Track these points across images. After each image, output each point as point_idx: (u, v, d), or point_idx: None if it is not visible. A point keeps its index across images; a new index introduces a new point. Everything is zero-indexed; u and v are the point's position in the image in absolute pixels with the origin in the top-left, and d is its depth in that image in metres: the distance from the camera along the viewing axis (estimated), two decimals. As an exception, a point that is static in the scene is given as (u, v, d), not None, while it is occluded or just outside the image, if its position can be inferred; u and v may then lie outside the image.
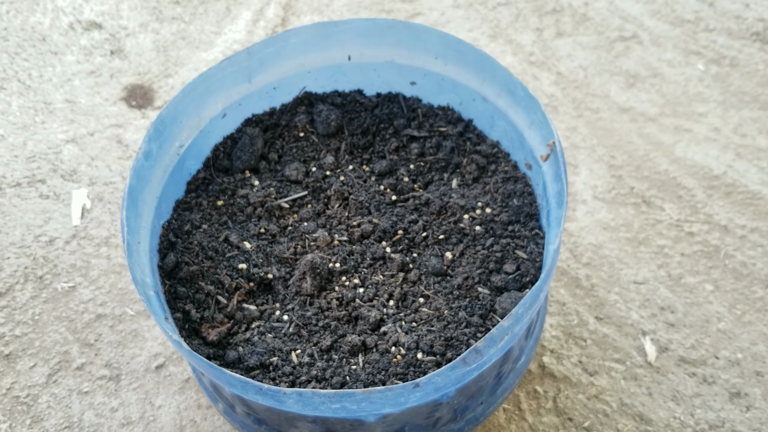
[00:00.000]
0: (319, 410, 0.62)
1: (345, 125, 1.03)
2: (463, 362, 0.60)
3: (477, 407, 0.79)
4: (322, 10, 1.75)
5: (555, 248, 0.69)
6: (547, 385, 1.03)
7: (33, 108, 1.46)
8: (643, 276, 1.16)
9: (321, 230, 0.90)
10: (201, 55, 1.61)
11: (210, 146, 0.99)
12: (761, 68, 1.54)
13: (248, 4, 1.76)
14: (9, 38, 1.62)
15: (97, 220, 1.25)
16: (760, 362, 1.05)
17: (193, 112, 0.93)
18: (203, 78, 0.90)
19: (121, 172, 1.35)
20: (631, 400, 1.01)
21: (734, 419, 0.99)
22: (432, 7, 1.73)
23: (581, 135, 1.41)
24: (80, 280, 1.16)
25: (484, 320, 0.78)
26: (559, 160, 0.76)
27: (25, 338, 1.09)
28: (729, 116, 1.43)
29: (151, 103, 1.50)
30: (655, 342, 1.08)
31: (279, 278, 0.86)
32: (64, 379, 1.04)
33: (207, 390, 0.86)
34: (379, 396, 0.59)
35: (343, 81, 1.06)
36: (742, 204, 1.27)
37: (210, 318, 0.80)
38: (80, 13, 1.70)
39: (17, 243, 1.21)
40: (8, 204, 1.27)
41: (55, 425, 1.00)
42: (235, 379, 0.61)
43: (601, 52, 1.60)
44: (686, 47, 1.60)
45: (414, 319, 0.79)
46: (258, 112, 1.03)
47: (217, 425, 0.99)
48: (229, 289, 0.83)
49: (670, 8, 1.71)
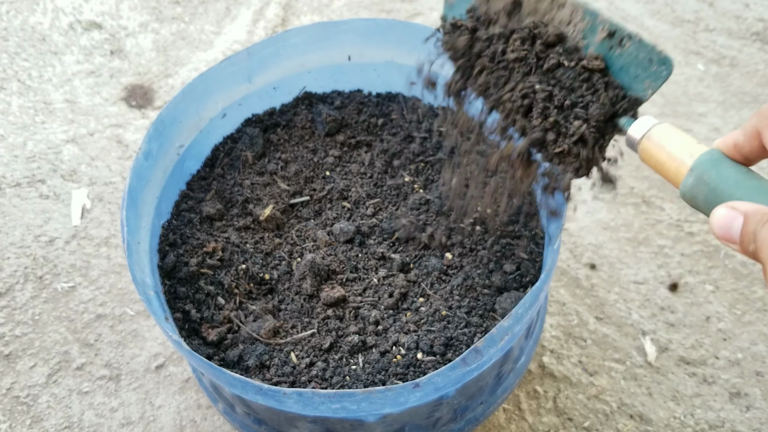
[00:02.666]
0: (319, 410, 0.62)
1: (345, 125, 1.03)
2: (463, 362, 0.60)
3: (477, 407, 0.79)
4: (322, 10, 1.75)
5: (555, 248, 0.69)
6: (547, 385, 1.03)
7: (33, 108, 1.46)
8: (643, 276, 1.16)
9: (321, 231, 0.90)
10: (201, 55, 1.61)
11: (210, 146, 0.99)
12: (761, 68, 1.54)
13: (248, 4, 1.76)
14: (9, 38, 1.62)
15: (97, 220, 1.25)
16: (760, 362, 1.05)
17: (193, 112, 0.93)
18: (203, 78, 0.91)
19: (121, 172, 1.35)
20: (631, 400, 1.01)
21: (734, 419, 0.99)
22: (432, 7, 1.73)
23: (581, 135, 1.41)
24: (80, 280, 1.16)
25: (484, 320, 0.78)
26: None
27: (25, 338, 1.09)
28: (729, 116, 1.43)
29: (151, 103, 1.50)
30: (655, 342, 1.08)
31: (279, 278, 0.86)
32: (64, 379, 1.04)
33: (207, 390, 0.86)
34: (379, 396, 0.59)
35: (343, 81, 1.06)
36: (742, 204, 1.27)
37: (210, 318, 0.80)
38: (80, 13, 1.70)
39: (17, 243, 1.21)
40: (8, 204, 1.27)
41: (55, 425, 1.00)
42: (235, 379, 0.61)
43: (601, 52, 1.60)
44: (686, 47, 1.60)
45: (414, 319, 0.79)
46: (258, 112, 1.03)
47: (217, 425, 0.99)
48: (230, 289, 0.83)
49: (670, 8, 1.71)
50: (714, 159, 0.46)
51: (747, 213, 0.39)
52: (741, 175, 0.44)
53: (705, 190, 0.45)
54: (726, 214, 0.41)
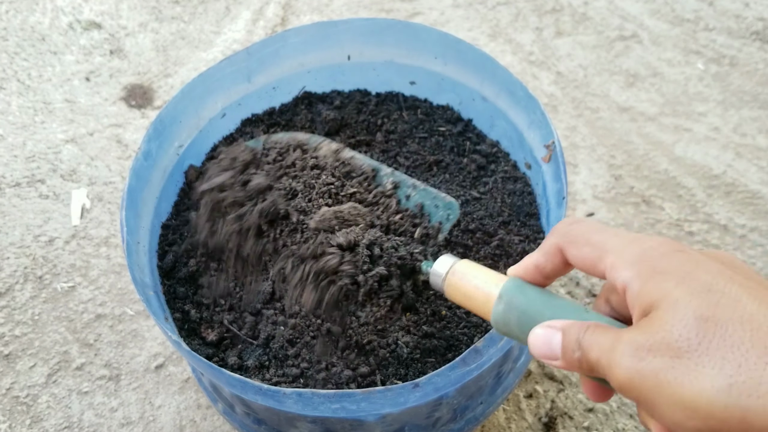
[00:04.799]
0: (319, 410, 0.62)
1: (344, 125, 1.03)
2: (462, 362, 0.60)
3: (477, 407, 0.79)
4: (322, 9, 1.75)
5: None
6: (547, 385, 1.03)
7: (32, 108, 1.46)
8: (643, 275, 1.16)
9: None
10: (200, 55, 1.61)
11: (210, 146, 0.99)
12: (761, 67, 1.54)
13: (248, 3, 1.76)
14: (8, 38, 1.62)
15: (97, 220, 1.25)
16: (760, 362, 1.05)
17: (193, 112, 0.93)
18: (203, 78, 0.90)
19: (121, 172, 1.34)
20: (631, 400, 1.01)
21: (734, 419, 0.99)
22: (431, 7, 1.73)
23: (581, 134, 1.41)
24: (80, 280, 1.16)
25: (484, 320, 0.78)
26: (558, 160, 0.76)
27: (24, 338, 1.09)
28: (729, 115, 1.43)
29: (151, 102, 1.50)
30: (654, 341, 1.08)
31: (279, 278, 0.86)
32: (63, 379, 1.04)
33: (207, 390, 0.86)
34: (379, 396, 0.59)
35: (343, 81, 1.06)
36: (741, 203, 1.27)
37: (209, 318, 0.80)
38: (80, 13, 1.70)
39: (17, 243, 1.21)
40: (8, 204, 1.27)
41: (55, 425, 1.00)
42: (234, 379, 0.61)
43: (600, 52, 1.60)
44: (686, 46, 1.60)
45: (413, 319, 0.79)
46: (257, 112, 1.03)
47: (216, 425, 0.99)
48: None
49: (669, 7, 1.71)
50: (517, 284, 0.49)
51: (564, 328, 0.42)
52: (545, 295, 0.47)
53: (516, 314, 0.47)
54: (544, 333, 0.43)
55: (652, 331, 0.36)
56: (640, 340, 0.36)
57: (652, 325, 0.36)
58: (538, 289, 0.48)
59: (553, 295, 0.47)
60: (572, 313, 0.45)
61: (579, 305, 0.46)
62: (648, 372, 0.35)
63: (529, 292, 0.48)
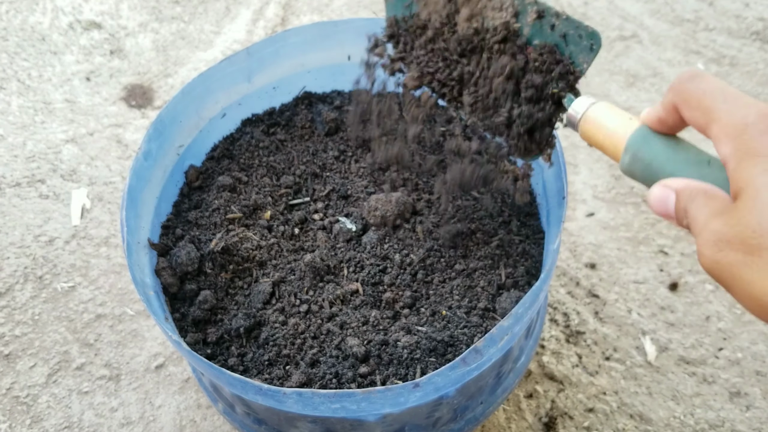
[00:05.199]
0: (319, 410, 0.62)
1: (345, 125, 1.03)
2: (463, 362, 0.60)
3: (477, 407, 0.79)
4: (322, 9, 1.75)
5: (555, 248, 0.69)
6: (547, 385, 1.03)
7: (32, 108, 1.46)
8: (643, 275, 1.16)
9: (321, 231, 0.90)
10: (200, 55, 1.61)
11: (210, 146, 0.99)
12: (761, 68, 1.54)
13: (248, 3, 1.76)
14: (8, 38, 1.62)
15: (97, 220, 1.25)
16: (760, 362, 1.05)
17: (193, 112, 0.93)
18: (203, 78, 0.90)
19: (121, 171, 1.35)
20: (631, 400, 1.01)
21: (734, 419, 0.99)
22: (432, 7, 1.72)
23: (581, 134, 1.41)
24: (80, 279, 1.16)
25: (484, 320, 0.78)
26: (559, 160, 0.76)
27: (24, 338, 1.09)
28: (729, 116, 1.43)
29: (151, 102, 1.50)
30: (655, 341, 1.08)
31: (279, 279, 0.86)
32: (63, 379, 1.04)
33: (207, 390, 0.86)
34: (379, 396, 0.59)
35: (343, 80, 1.06)
36: (742, 203, 1.27)
37: (210, 318, 0.80)
38: (80, 13, 1.70)
39: (17, 243, 1.21)
40: (8, 204, 1.27)
41: (55, 425, 1.00)
42: (234, 379, 0.61)
43: (600, 51, 1.60)
44: (686, 46, 1.60)
45: (413, 319, 0.79)
46: (258, 112, 1.03)
47: (217, 425, 0.99)
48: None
49: (669, 7, 1.71)
50: (644, 135, 0.49)
51: (678, 190, 0.43)
52: (670, 148, 0.47)
53: (641, 167, 0.48)
54: (660, 192, 0.44)
55: (732, 222, 0.36)
56: (722, 231, 0.37)
57: (733, 215, 0.37)
58: (663, 140, 0.48)
59: (678, 146, 0.47)
60: (693, 168, 0.45)
61: (703, 156, 0.45)
62: (725, 264, 0.36)
63: (654, 144, 0.48)
